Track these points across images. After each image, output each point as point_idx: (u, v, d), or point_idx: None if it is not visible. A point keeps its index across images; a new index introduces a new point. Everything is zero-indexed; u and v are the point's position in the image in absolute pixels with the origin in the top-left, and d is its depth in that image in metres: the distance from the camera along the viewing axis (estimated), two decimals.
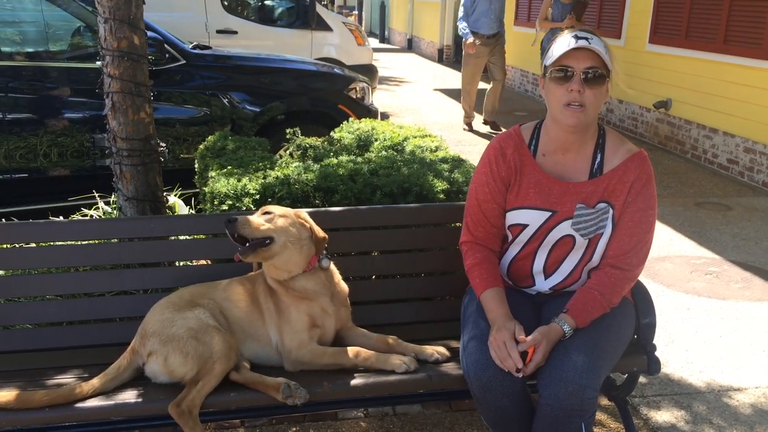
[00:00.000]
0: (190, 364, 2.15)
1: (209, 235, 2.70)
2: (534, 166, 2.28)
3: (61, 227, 2.57)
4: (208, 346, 2.17)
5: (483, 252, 2.34)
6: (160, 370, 2.19)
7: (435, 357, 2.36)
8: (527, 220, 2.27)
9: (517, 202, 2.28)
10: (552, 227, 2.25)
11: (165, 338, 2.19)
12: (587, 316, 2.16)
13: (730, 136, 7.09)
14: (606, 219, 2.22)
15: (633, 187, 2.21)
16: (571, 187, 2.24)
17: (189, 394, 2.12)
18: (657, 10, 8.37)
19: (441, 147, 3.73)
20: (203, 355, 2.16)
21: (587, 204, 2.22)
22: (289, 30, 9.00)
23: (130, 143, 3.19)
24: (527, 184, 2.27)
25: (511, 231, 2.32)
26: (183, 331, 2.19)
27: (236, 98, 5.16)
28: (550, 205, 2.24)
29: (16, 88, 4.53)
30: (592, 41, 2.12)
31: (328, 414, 2.88)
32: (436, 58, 18.84)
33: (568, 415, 2.02)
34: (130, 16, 3.06)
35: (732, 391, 3.18)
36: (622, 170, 2.23)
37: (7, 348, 2.48)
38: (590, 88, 2.12)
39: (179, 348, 2.16)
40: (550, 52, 2.17)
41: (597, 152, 2.26)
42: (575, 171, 2.27)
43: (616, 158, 2.25)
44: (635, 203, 2.22)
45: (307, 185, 2.95)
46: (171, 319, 2.23)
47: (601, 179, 2.23)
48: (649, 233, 2.25)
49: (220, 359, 2.17)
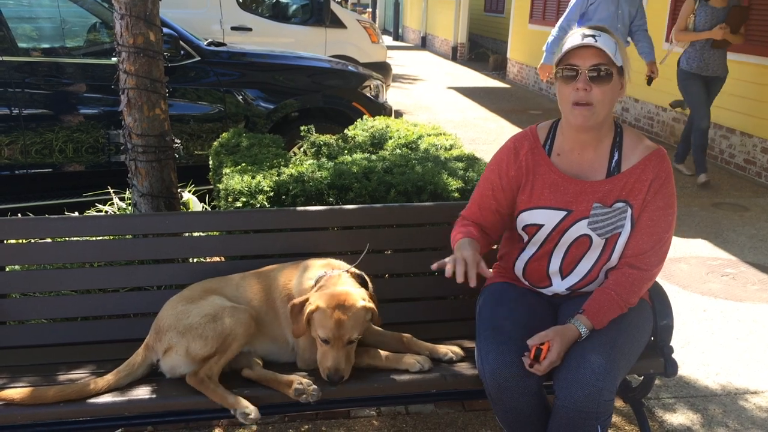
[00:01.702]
0: (210, 344, 2.17)
1: (223, 231, 2.70)
2: (549, 165, 2.26)
3: (76, 223, 2.58)
4: (225, 325, 2.19)
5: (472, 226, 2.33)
6: (181, 361, 2.19)
7: (449, 356, 2.35)
8: (542, 219, 2.25)
9: (531, 203, 2.26)
10: (568, 227, 2.23)
11: (182, 329, 2.19)
12: (604, 316, 2.14)
13: (748, 136, 7.01)
14: (624, 218, 2.20)
15: (652, 186, 2.19)
16: (587, 186, 2.22)
17: (205, 366, 2.15)
18: (674, 9, 8.29)
19: (455, 145, 3.72)
20: (222, 334, 2.18)
21: (604, 203, 2.20)
22: (303, 27, 9.01)
23: (145, 139, 3.20)
24: (542, 184, 2.25)
25: (526, 231, 2.30)
26: (198, 318, 2.21)
27: (250, 95, 5.16)
28: (565, 205, 2.22)
29: (32, 84, 4.56)
30: (600, 38, 2.10)
31: (340, 412, 2.88)
32: (450, 56, 18.79)
33: (584, 417, 2.00)
34: (146, 12, 3.06)
35: (748, 394, 3.14)
36: (640, 168, 2.20)
37: (22, 343, 2.49)
38: (597, 85, 2.10)
39: (198, 334, 2.18)
40: (560, 50, 2.16)
41: (614, 150, 2.24)
42: (592, 170, 2.24)
43: (634, 156, 2.22)
44: (654, 202, 2.19)
45: (321, 183, 2.95)
46: (185, 310, 2.24)
47: (618, 178, 2.21)
48: (668, 232, 2.22)
49: (237, 337, 2.19)
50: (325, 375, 2.15)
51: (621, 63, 2.12)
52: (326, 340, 2.15)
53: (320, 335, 2.15)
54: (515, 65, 14.18)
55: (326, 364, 2.14)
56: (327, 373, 2.14)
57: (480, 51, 18.59)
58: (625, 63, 2.14)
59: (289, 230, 2.63)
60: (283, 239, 2.61)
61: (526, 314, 2.24)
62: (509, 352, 2.09)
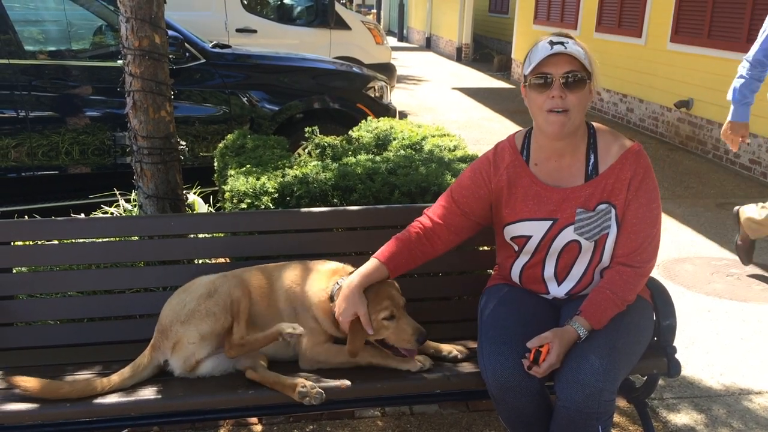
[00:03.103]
0: (222, 317, 2.21)
1: (228, 233, 2.72)
2: (530, 176, 2.25)
3: (82, 225, 2.60)
4: (224, 293, 2.24)
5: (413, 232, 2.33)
6: (197, 347, 2.21)
7: (453, 354, 2.37)
8: (529, 231, 2.25)
9: (516, 215, 2.26)
10: (555, 235, 2.23)
11: (184, 318, 2.22)
12: (601, 316, 2.14)
13: (753, 136, 7.00)
14: (609, 219, 2.20)
15: (631, 184, 2.18)
16: (568, 193, 2.21)
17: (231, 336, 2.21)
18: (679, 9, 8.28)
19: (459, 146, 3.72)
20: (226, 303, 2.23)
21: (587, 208, 2.20)
22: (308, 29, 9.03)
23: (150, 141, 3.22)
24: (524, 195, 2.25)
25: (515, 242, 2.31)
26: (195, 301, 2.24)
27: (255, 97, 5.18)
28: (549, 214, 2.22)
29: (39, 87, 4.59)
30: (569, 45, 2.10)
31: (344, 412, 2.89)
32: (454, 56, 18.79)
33: (585, 417, 2.01)
34: (152, 15, 3.08)
35: (752, 395, 3.14)
36: (618, 168, 2.19)
37: (29, 344, 2.51)
38: (572, 92, 2.10)
39: (203, 314, 2.21)
40: (528, 61, 2.15)
41: (590, 153, 2.23)
42: (570, 176, 2.23)
43: (610, 157, 2.21)
44: (636, 199, 2.19)
45: (325, 184, 2.96)
46: (180, 301, 2.27)
47: (597, 180, 2.20)
48: (654, 227, 2.21)
49: (240, 299, 2.25)
50: (413, 343, 2.20)
51: (590, 68, 2.12)
52: (390, 316, 2.22)
53: (383, 316, 2.21)
54: (520, 66, 14.13)
55: (408, 333, 2.21)
56: (414, 339, 2.20)
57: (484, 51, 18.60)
58: (594, 68, 2.13)
59: (293, 231, 2.64)
60: (287, 240, 2.62)
61: (528, 315, 2.24)
62: (511, 352, 2.10)
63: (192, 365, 2.22)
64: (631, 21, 9.45)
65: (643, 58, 9.00)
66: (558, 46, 2.09)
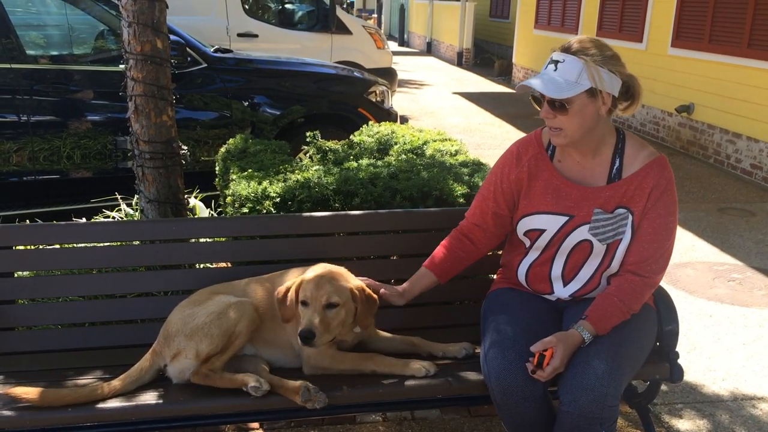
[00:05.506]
0: (216, 341, 2.19)
1: (230, 237, 2.71)
2: (552, 171, 2.27)
3: (84, 229, 2.60)
4: (231, 321, 2.22)
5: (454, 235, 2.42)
6: (191, 364, 2.20)
7: (464, 352, 2.38)
8: (544, 225, 2.26)
9: (533, 208, 2.27)
10: (569, 232, 2.24)
11: (189, 333, 2.21)
12: (607, 322, 2.14)
13: (754, 140, 7.00)
14: (625, 225, 2.20)
15: (652, 194, 2.19)
16: (589, 192, 2.23)
17: (207, 363, 2.18)
18: (680, 14, 8.29)
19: (461, 151, 3.72)
20: (227, 330, 2.21)
21: (605, 209, 2.20)
22: (309, 33, 9.05)
23: (152, 146, 3.22)
24: (543, 189, 2.26)
25: (528, 236, 2.31)
26: (204, 317, 2.23)
27: (257, 101, 5.19)
28: (567, 210, 2.23)
29: (40, 91, 4.59)
30: (560, 66, 2.08)
31: (346, 417, 2.88)
32: (455, 61, 18.81)
33: (588, 422, 2.01)
34: (154, 20, 3.09)
35: (755, 400, 3.13)
36: (641, 176, 2.21)
37: (30, 348, 2.51)
38: (558, 113, 2.12)
39: (205, 333, 2.20)
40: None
41: (616, 157, 2.25)
42: (593, 176, 2.25)
43: (635, 164, 2.23)
44: (655, 209, 2.19)
45: (327, 188, 2.96)
46: (192, 313, 2.26)
47: (619, 184, 2.21)
48: (669, 240, 2.22)
49: (240, 333, 2.23)
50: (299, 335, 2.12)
51: (589, 86, 2.07)
52: (304, 301, 2.17)
53: (300, 299, 2.18)
54: (520, 70, 14.18)
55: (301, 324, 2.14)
56: (299, 331, 2.12)
57: (485, 56, 18.62)
58: (599, 82, 2.08)
59: (295, 236, 2.64)
60: (289, 245, 2.62)
61: (531, 319, 2.24)
62: (514, 357, 2.10)
63: (186, 378, 2.23)
64: (632, 26, 9.46)
65: (644, 62, 8.99)
66: (535, 81, 2.11)
